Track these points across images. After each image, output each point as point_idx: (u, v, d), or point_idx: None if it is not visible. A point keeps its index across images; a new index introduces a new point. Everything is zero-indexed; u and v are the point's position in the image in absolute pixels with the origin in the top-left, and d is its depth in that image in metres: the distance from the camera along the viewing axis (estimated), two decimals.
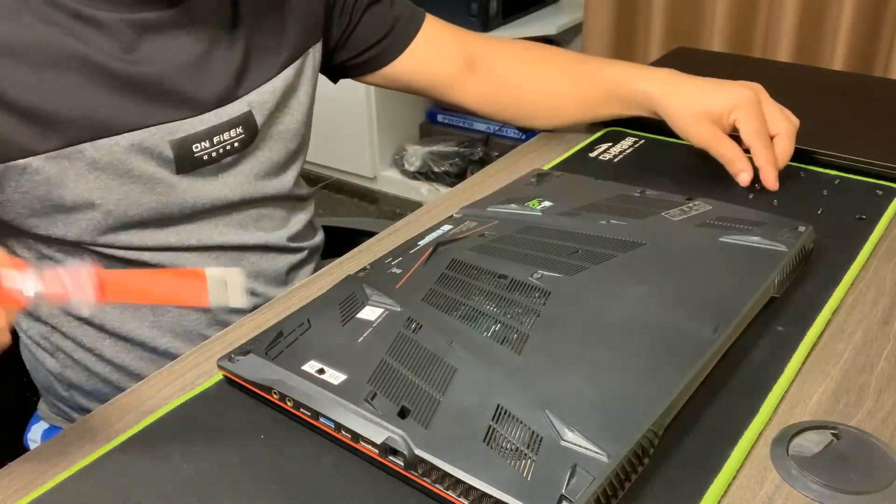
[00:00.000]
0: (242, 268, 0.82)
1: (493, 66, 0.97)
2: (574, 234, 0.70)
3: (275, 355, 0.56)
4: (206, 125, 0.76)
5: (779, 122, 0.82)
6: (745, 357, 0.60)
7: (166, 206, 0.75)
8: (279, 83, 0.82)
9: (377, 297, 0.61)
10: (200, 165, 0.76)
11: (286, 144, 0.84)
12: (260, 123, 0.80)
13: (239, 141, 0.79)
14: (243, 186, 0.80)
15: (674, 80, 0.86)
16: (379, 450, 0.49)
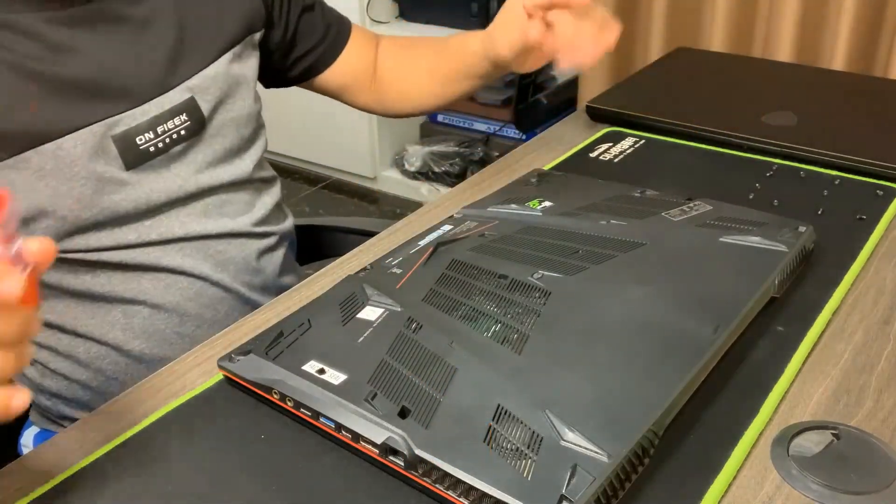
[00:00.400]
0: (211, 257, 0.81)
1: (388, 64, 1.01)
2: (574, 234, 0.70)
3: (275, 355, 0.56)
4: (147, 116, 0.74)
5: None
6: (746, 357, 0.60)
7: (120, 204, 0.74)
8: (221, 67, 0.81)
9: (377, 297, 0.61)
10: (148, 158, 0.75)
11: (239, 130, 0.83)
12: (206, 110, 0.79)
13: (185, 129, 0.77)
14: (198, 175, 0.79)
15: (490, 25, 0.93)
16: (379, 450, 0.49)
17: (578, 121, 1.04)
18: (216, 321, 0.81)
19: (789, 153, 0.89)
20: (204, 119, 0.79)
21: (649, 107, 1.01)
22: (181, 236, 0.79)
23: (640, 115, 0.99)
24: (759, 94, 1.04)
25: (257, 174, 0.87)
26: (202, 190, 0.80)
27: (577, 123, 1.04)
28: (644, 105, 1.01)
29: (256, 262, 0.86)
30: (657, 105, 1.02)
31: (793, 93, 1.04)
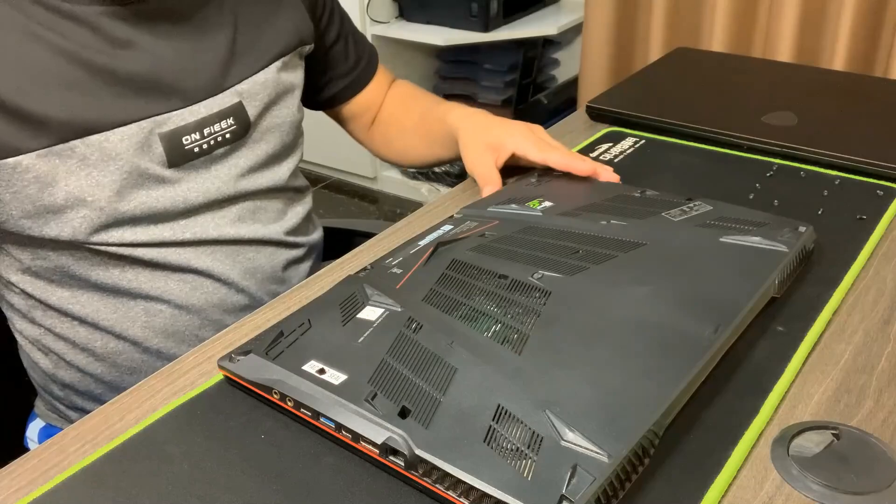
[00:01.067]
0: (240, 263, 0.82)
1: (391, 111, 1.04)
2: (574, 234, 0.70)
3: (275, 355, 0.56)
4: (196, 117, 0.75)
5: (556, 145, 0.87)
6: (746, 357, 0.60)
7: (158, 200, 0.75)
8: (271, 74, 0.82)
9: (378, 297, 0.61)
10: (192, 158, 0.76)
11: (282, 137, 0.84)
12: (253, 115, 0.80)
13: (231, 132, 0.78)
14: (237, 179, 0.80)
15: (470, 114, 0.92)
16: (379, 450, 0.49)
17: (578, 121, 1.04)
18: None
19: (789, 153, 0.89)
20: (250, 124, 0.80)
21: (649, 107, 1.01)
22: (214, 238, 0.80)
23: (640, 115, 0.99)
24: (759, 95, 1.04)
25: (292, 183, 0.88)
26: (240, 194, 0.81)
27: (577, 123, 1.04)
28: (644, 105, 1.01)
29: (283, 272, 0.87)
30: (657, 105, 1.02)
31: (793, 93, 1.04)
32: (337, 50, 0.96)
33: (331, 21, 0.94)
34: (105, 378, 0.80)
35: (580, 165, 0.82)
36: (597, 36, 2.17)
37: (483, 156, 0.87)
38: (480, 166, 0.86)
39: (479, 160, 0.87)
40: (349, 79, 0.98)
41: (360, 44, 0.99)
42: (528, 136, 0.86)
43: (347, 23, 0.97)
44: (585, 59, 2.22)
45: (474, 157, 0.88)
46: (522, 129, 0.87)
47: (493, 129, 0.88)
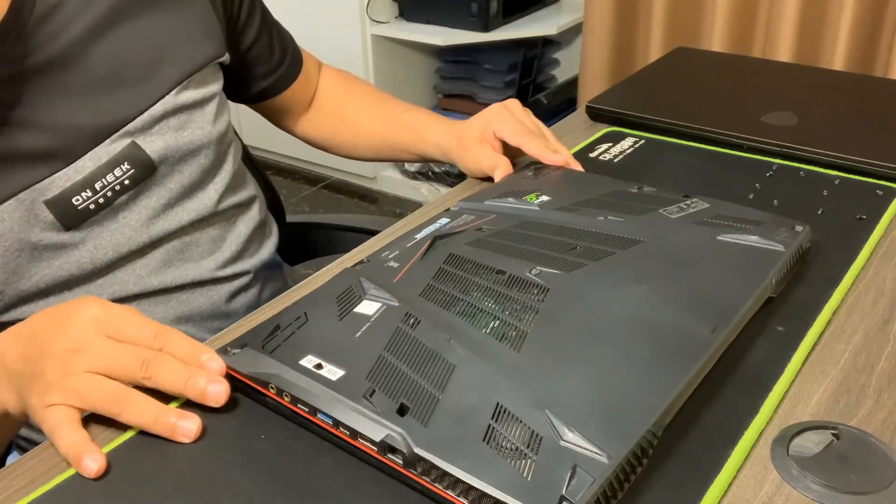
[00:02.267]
0: (173, 308, 0.77)
1: (335, 106, 1.01)
2: (572, 229, 0.70)
3: (272, 349, 0.56)
4: (82, 174, 0.68)
5: (531, 124, 0.88)
6: (746, 357, 0.59)
7: (63, 268, 0.69)
8: (169, 102, 0.72)
9: (375, 291, 0.61)
10: (90, 216, 0.69)
11: (198, 161, 0.76)
12: (154, 151, 0.71)
13: (130, 178, 0.70)
14: (150, 223, 0.73)
15: (449, 128, 0.92)
16: (377, 448, 0.49)
17: (578, 121, 1.04)
18: None
19: (789, 153, 0.89)
20: (152, 162, 0.72)
21: (649, 107, 1.00)
22: (137, 293, 0.74)
23: (640, 115, 0.99)
24: (759, 94, 1.04)
25: (227, 202, 0.80)
26: (157, 238, 0.74)
27: (577, 123, 1.04)
28: (644, 105, 1.01)
29: (226, 306, 0.81)
30: (657, 105, 1.01)
31: (793, 93, 1.04)
32: (260, 46, 0.90)
33: (250, 18, 0.87)
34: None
35: (550, 157, 0.84)
36: (597, 36, 2.17)
37: (479, 151, 0.87)
38: (483, 159, 0.87)
39: (480, 156, 0.87)
40: (276, 75, 0.94)
41: (283, 38, 0.94)
42: (505, 115, 0.87)
43: (268, 16, 0.91)
44: (585, 59, 2.22)
45: (474, 158, 0.88)
46: (498, 110, 0.88)
47: (473, 125, 0.89)
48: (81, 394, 0.53)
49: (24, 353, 0.56)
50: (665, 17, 2.03)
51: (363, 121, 1.00)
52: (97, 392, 0.53)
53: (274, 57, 0.93)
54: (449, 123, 0.93)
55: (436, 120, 0.95)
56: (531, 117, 0.90)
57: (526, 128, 0.87)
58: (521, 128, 0.86)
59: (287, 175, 2.82)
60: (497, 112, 0.88)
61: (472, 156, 0.88)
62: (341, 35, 2.47)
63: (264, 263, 0.86)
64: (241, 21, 0.86)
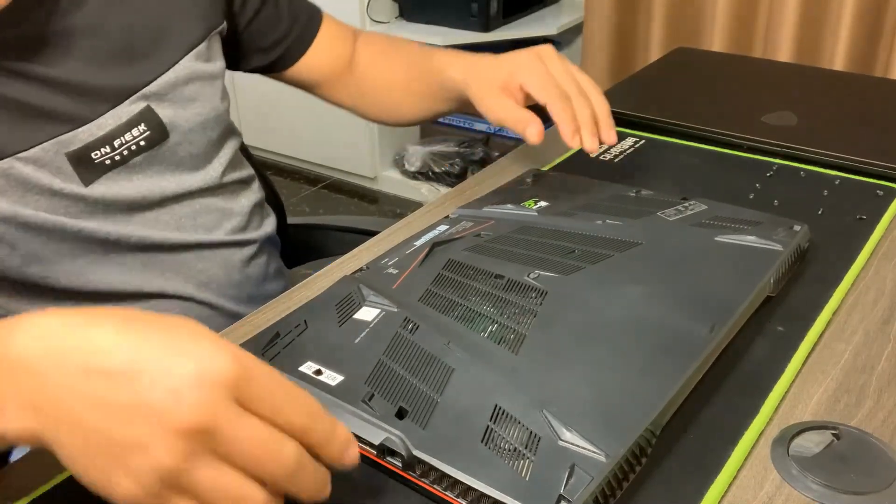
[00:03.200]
0: (193, 278, 0.79)
1: (367, 66, 0.96)
2: (570, 233, 0.70)
3: (272, 356, 0.56)
4: (104, 130, 0.71)
5: (564, 79, 0.79)
6: (746, 357, 0.59)
7: (80, 223, 0.70)
8: (181, 71, 0.76)
9: (374, 298, 0.61)
10: (105, 171, 0.71)
11: (206, 134, 0.79)
12: (167, 117, 0.75)
13: (145, 139, 0.73)
14: (163, 185, 0.76)
15: (472, 63, 0.84)
16: (377, 451, 0.49)
17: None
18: None
19: (789, 153, 0.89)
20: (165, 127, 0.75)
21: (649, 107, 1.00)
22: (159, 242, 0.76)
23: (640, 115, 0.99)
24: (759, 95, 1.04)
25: (230, 177, 0.83)
26: (169, 197, 0.77)
27: None
28: (644, 105, 1.01)
29: (239, 274, 0.84)
30: (657, 105, 1.01)
31: (793, 93, 1.04)
32: (265, 16, 0.88)
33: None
34: None
35: (569, 137, 0.76)
36: (597, 36, 2.17)
37: (502, 102, 0.79)
38: (506, 111, 0.79)
39: (501, 108, 0.79)
40: (290, 40, 0.91)
41: (294, 3, 0.91)
42: (535, 66, 0.79)
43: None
44: (585, 59, 2.22)
45: (495, 108, 0.80)
46: (528, 59, 0.80)
47: (500, 69, 0.81)
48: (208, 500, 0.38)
49: (100, 397, 0.37)
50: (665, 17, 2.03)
51: (396, 80, 0.94)
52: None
53: (281, 26, 0.90)
54: (472, 61, 0.85)
55: (459, 56, 0.87)
56: (567, 68, 0.80)
57: (556, 85, 0.78)
58: (550, 84, 0.77)
59: (287, 175, 2.82)
60: (527, 61, 0.79)
61: (491, 105, 0.80)
62: None
63: (268, 237, 0.89)
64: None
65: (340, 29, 0.96)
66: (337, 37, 0.95)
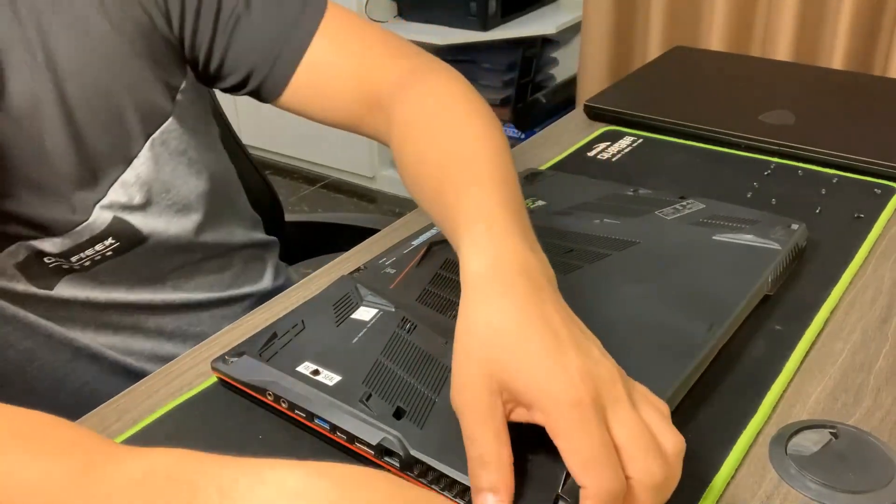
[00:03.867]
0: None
1: (399, 118, 0.67)
2: (567, 232, 0.70)
3: (269, 356, 0.56)
4: (59, 248, 0.66)
5: (638, 457, 0.40)
6: (744, 356, 0.59)
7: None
8: (145, 163, 0.68)
9: (371, 298, 0.61)
10: (63, 274, 0.67)
11: (186, 204, 0.73)
12: (138, 220, 0.69)
13: (113, 250, 0.68)
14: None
15: (497, 279, 0.45)
16: (374, 451, 0.49)
17: (577, 120, 1.04)
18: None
19: (787, 152, 0.89)
20: (138, 232, 0.69)
21: (647, 106, 1.00)
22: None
23: (638, 114, 0.99)
24: (757, 93, 1.04)
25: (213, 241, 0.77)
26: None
27: (575, 122, 1.03)
28: (642, 104, 1.01)
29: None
30: (655, 104, 1.01)
31: (791, 91, 1.04)
32: (237, 41, 0.70)
33: (199, 15, 0.68)
34: None
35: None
36: (595, 35, 2.17)
37: (476, 393, 0.42)
38: (473, 415, 0.42)
39: (472, 400, 0.43)
40: (264, 72, 0.70)
41: (270, 21, 0.68)
42: (575, 419, 0.40)
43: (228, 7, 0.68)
44: (584, 58, 2.22)
45: (465, 390, 0.43)
46: (563, 387, 0.40)
47: (518, 356, 0.42)
48: None
49: None
50: (664, 16, 2.03)
51: (425, 167, 0.63)
52: None
53: (254, 53, 0.70)
54: (489, 264, 0.46)
55: (480, 251, 0.47)
56: (643, 430, 0.41)
57: (599, 464, 0.40)
58: (593, 461, 0.40)
59: (286, 174, 2.82)
60: (567, 402, 0.40)
61: (463, 384, 0.43)
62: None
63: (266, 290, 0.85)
64: (185, 28, 0.69)
65: (340, 56, 0.70)
66: (332, 69, 0.70)
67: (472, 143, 0.58)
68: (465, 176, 0.53)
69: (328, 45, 0.69)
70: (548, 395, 0.40)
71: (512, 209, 0.50)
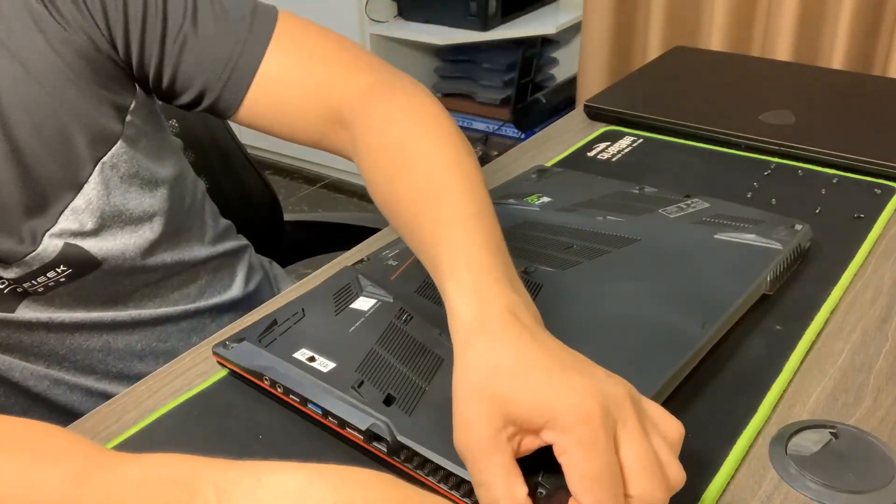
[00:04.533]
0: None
1: (365, 133, 0.63)
2: (570, 229, 0.70)
3: (268, 343, 0.57)
4: (12, 274, 0.65)
5: (641, 480, 0.40)
6: (744, 356, 0.59)
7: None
8: (95, 188, 0.66)
9: (371, 288, 0.62)
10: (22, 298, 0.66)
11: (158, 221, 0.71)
12: (91, 245, 0.67)
13: (66, 276, 0.67)
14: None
15: (488, 323, 0.45)
16: (363, 436, 0.50)
17: (577, 120, 1.04)
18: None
19: (787, 152, 0.89)
20: (92, 258, 0.67)
21: (647, 106, 1.00)
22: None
23: (638, 114, 0.99)
24: (757, 93, 1.04)
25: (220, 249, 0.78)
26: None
27: (575, 122, 1.03)
28: (642, 104, 1.01)
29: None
30: (655, 104, 1.01)
31: (791, 91, 1.04)
32: (187, 57, 0.67)
33: (144, 36, 0.65)
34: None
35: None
36: (595, 35, 2.17)
37: (480, 430, 0.41)
38: (479, 451, 0.41)
39: (477, 437, 0.41)
40: (217, 88, 0.68)
41: (219, 38, 0.66)
42: (579, 431, 0.39)
43: (176, 21, 0.66)
44: (584, 58, 2.22)
45: (469, 428, 0.42)
46: (573, 403, 0.40)
47: (516, 374, 0.42)
48: None
49: None
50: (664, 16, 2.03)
51: (397, 200, 0.58)
52: None
53: (203, 69, 0.67)
54: (478, 309, 0.46)
55: (472, 286, 0.47)
56: (647, 450, 0.41)
57: (603, 479, 0.39)
58: (597, 475, 0.39)
59: (286, 174, 2.82)
60: (575, 418, 0.40)
61: (461, 419, 0.42)
62: (340, 34, 2.47)
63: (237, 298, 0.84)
64: (132, 48, 0.66)
65: (299, 68, 0.67)
66: (291, 85, 0.67)
67: (444, 174, 0.56)
68: (440, 213, 0.52)
69: (283, 59, 0.67)
70: (556, 412, 0.40)
71: (491, 248, 0.49)
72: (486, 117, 2.57)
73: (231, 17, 0.67)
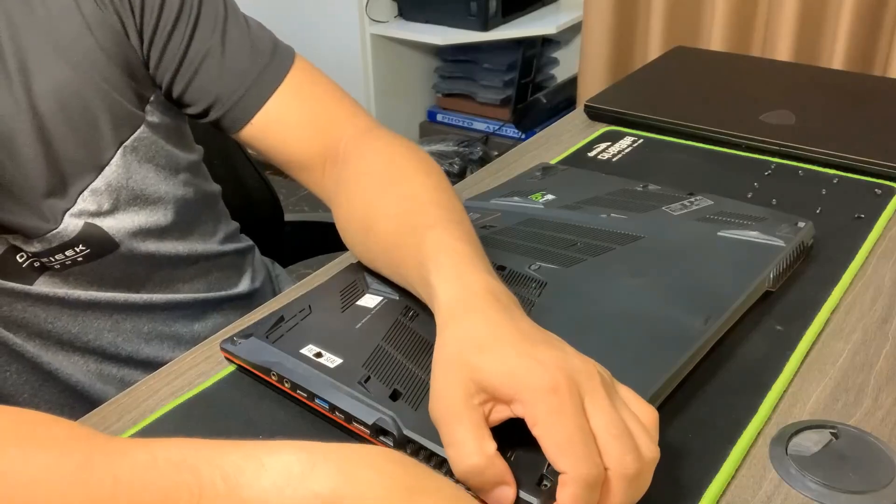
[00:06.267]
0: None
1: (354, 185, 0.66)
2: (574, 226, 0.70)
3: (275, 338, 0.57)
4: (33, 248, 0.67)
5: (613, 446, 0.42)
6: (744, 356, 0.59)
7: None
8: (116, 171, 0.68)
9: (377, 286, 0.63)
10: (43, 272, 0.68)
11: (169, 207, 0.73)
12: (113, 228, 0.69)
13: (84, 256, 0.68)
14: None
15: (468, 302, 0.48)
16: (370, 430, 0.50)
17: (577, 120, 1.04)
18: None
19: (788, 152, 0.89)
20: (110, 238, 0.69)
21: (648, 106, 1.00)
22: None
23: (638, 114, 0.99)
24: (757, 93, 1.04)
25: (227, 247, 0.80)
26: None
27: (575, 122, 1.03)
28: (642, 104, 1.01)
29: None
30: (656, 104, 1.01)
31: (791, 92, 1.04)
32: (203, 72, 0.70)
33: (168, 44, 0.69)
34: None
35: None
36: (596, 35, 2.17)
37: (452, 397, 0.44)
38: (449, 416, 0.43)
39: (448, 404, 0.44)
40: (231, 102, 0.71)
41: (239, 63, 0.70)
42: (544, 403, 0.41)
43: (205, 34, 0.69)
44: (584, 59, 2.22)
45: (441, 397, 0.44)
46: (537, 379, 0.42)
47: (485, 348, 0.44)
48: None
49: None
50: (664, 16, 2.04)
51: (380, 216, 0.61)
52: None
53: (220, 82, 0.71)
54: (460, 290, 0.49)
55: (451, 277, 0.50)
56: (614, 418, 0.42)
57: (575, 449, 0.40)
58: (567, 445, 0.41)
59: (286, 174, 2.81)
60: (540, 391, 0.42)
61: (442, 394, 0.44)
62: (340, 34, 2.47)
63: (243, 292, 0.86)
64: (155, 45, 0.69)
65: (306, 103, 0.72)
66: (297, 117, 0.72)
67: (424, 192, 0.61)
68: (422, 220, 0.56)
69: (290, 98, 0.71)
70: (525, 385, 0.42)
71: (470, 243, 0.54)
72: (487, 117, 2.58)
73: (255, 48, 0.71)
